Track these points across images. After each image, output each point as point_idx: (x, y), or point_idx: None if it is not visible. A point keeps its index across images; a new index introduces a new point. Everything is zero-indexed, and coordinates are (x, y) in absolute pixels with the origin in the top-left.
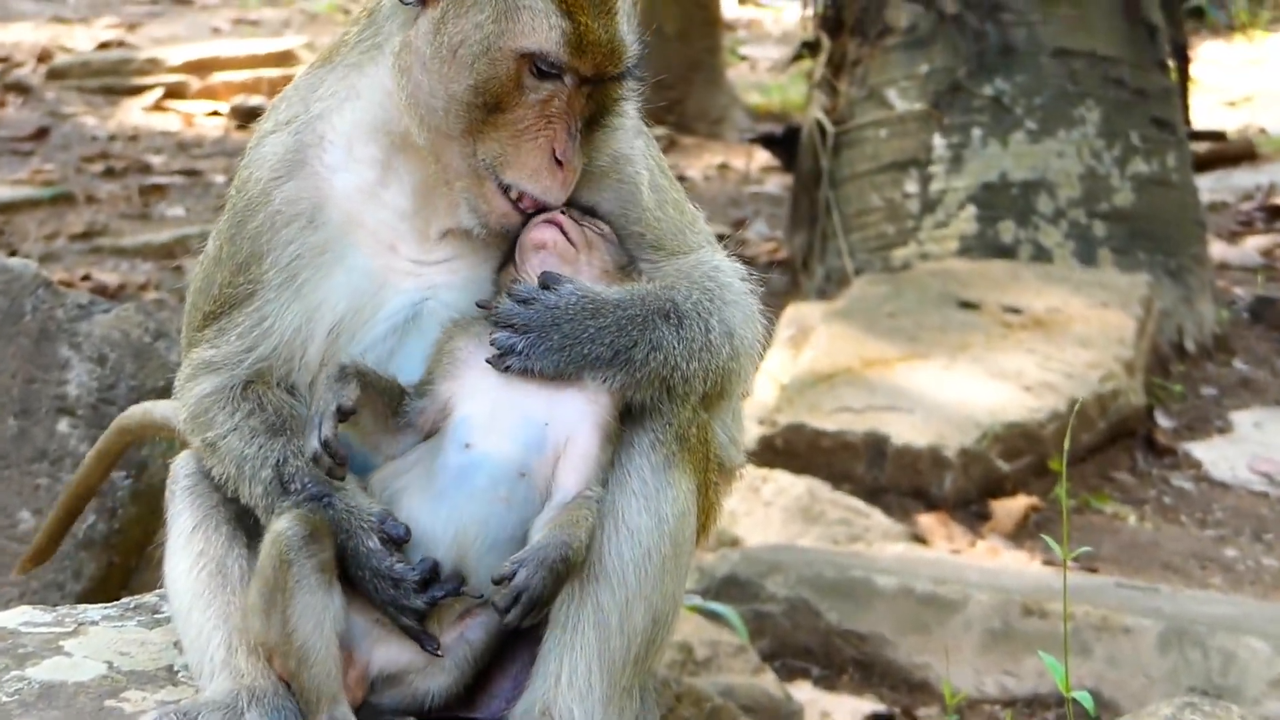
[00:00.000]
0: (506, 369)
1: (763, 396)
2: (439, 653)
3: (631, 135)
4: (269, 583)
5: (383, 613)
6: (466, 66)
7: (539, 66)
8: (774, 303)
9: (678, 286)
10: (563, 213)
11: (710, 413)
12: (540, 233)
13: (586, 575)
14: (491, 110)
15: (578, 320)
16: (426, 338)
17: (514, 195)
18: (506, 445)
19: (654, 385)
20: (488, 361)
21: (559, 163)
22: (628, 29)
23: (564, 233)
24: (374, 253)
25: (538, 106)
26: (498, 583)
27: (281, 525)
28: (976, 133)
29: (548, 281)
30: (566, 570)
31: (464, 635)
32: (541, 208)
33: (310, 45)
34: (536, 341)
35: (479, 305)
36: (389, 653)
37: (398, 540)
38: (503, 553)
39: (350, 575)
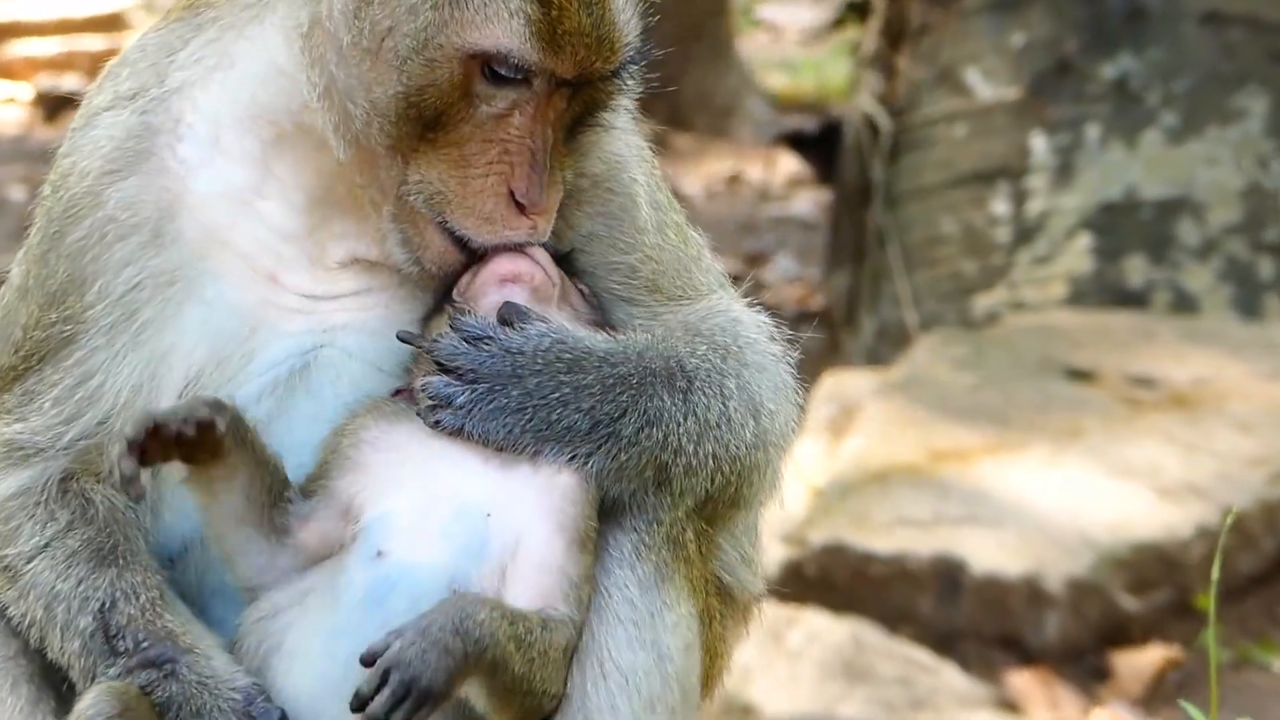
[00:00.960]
0: (437, 425)
1: (789, 506)
2: None
3: (625, 133)
4: None
5: None
6: (395, 66)
7: (496, 70)
8: (805, 370)
9: (684, 341)
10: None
11: (717, 525)
12: (510, 263)
13: None
14: (429, 126)
15: (548, 373)
16: (320, 400)
17: (459, 234)
18: (434, 550)
19: (646, 474)
20: (417, 414)
21: (521, 204)
22: (623, 7)
23: (540, 266)
24: (245, 282)
25: (492, 124)
26: (367, 664)
27: (86, 704)
28: (1093, 131)
29: (510, 316)
30: (471, 660)
31: None
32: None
33: (148, 4)
34: (485, 396)
35: (401, 337)
36: None
37: None
38: None
39: None
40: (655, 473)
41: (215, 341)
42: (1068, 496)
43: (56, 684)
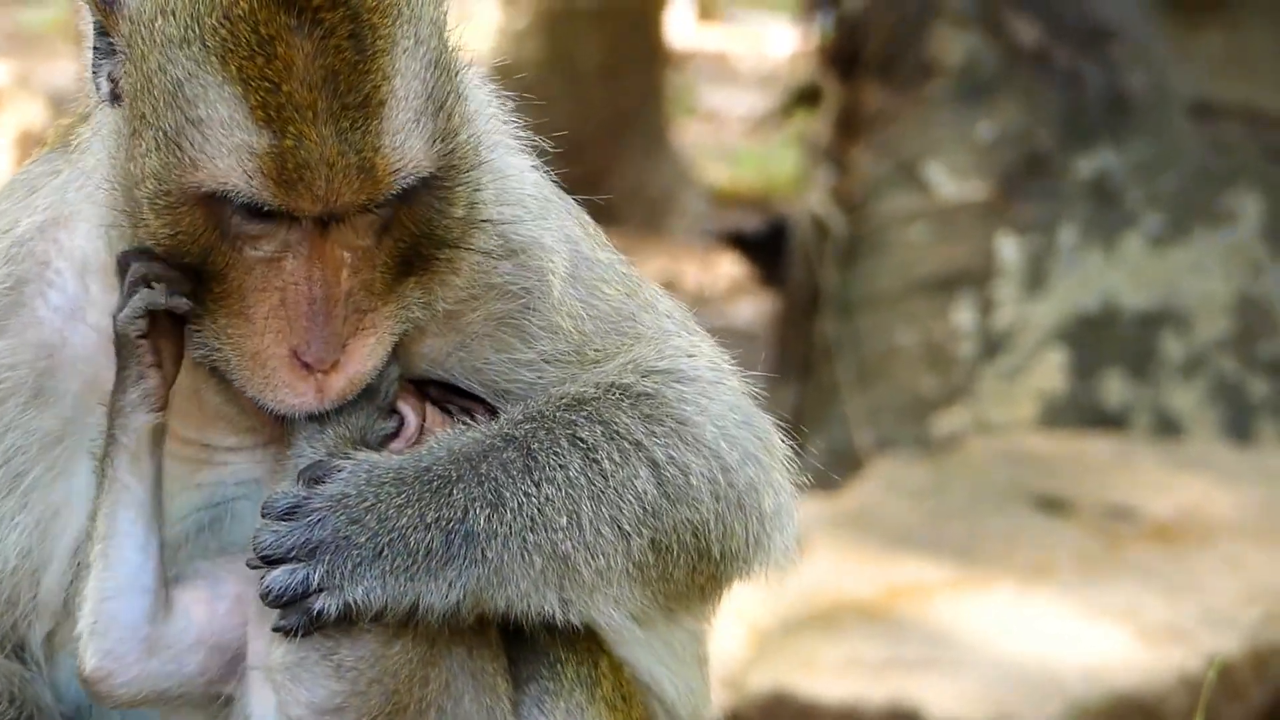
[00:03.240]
0: (317, 619)
1: (726, 645)
2: None
3: (526, 202)
4: None
5: None
6: (146, 213)
7: (237, 210)
8: None
9: (542, 403)
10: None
11: (654, 630)
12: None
13: None
14: (198, 278)
15: (380, 502)
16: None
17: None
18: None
19: (529, 573)
20: (276, 628)
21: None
22: (398, 126)
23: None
24: None
25: (264, 270)
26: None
27: None
28: (1068, 234)
29: (314, 473)
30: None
31: None
32: None
33: (25, 81)
34: (339, 557)
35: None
36: None
37: None
38: None
39: None
40: (542, 565)
41: None
42: (1037, 639)
43: None
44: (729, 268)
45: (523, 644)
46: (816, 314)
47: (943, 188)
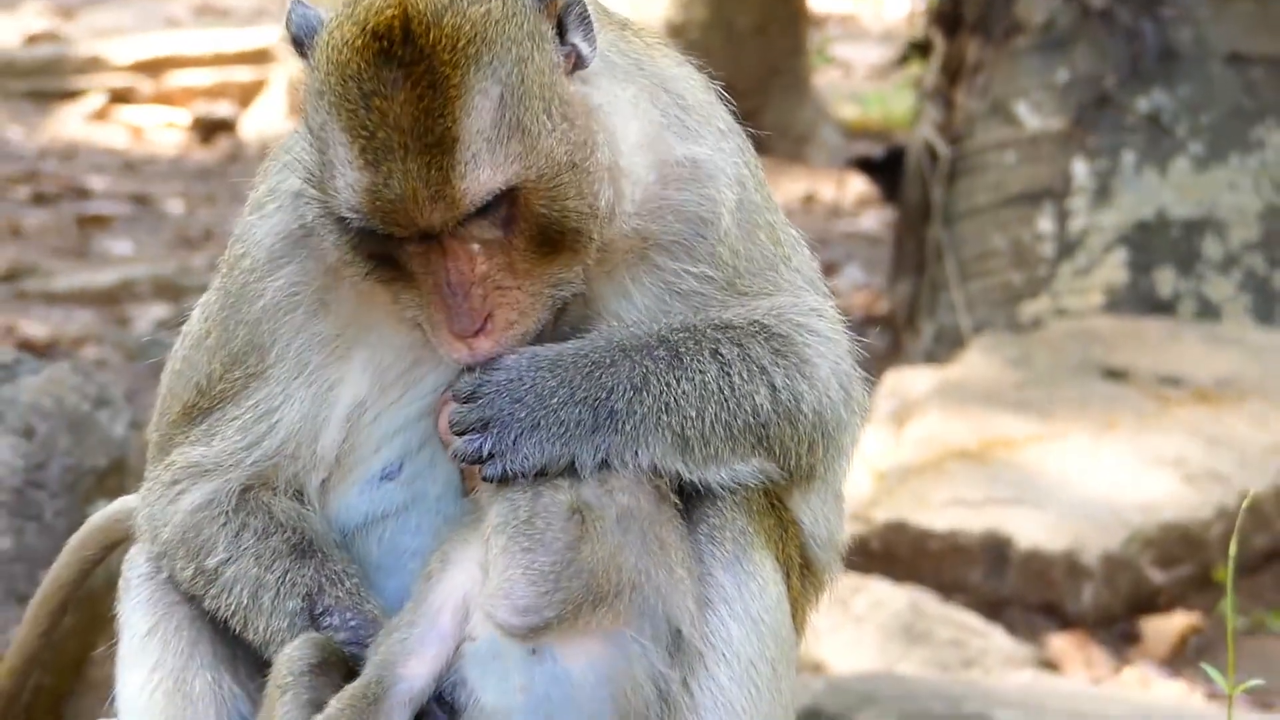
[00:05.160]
0: (488, 479)
1: (856, 487)
2: None
3: (716, 137)
4: (263, 711)
5: None
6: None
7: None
8: (872, 368)
9: (682, 322)
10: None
11: (785, 497)
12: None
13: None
14: (386, 262)
15: (538, 385)
16: None
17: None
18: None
19: (660, 445)
20: (486, 480)
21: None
22: (469, 157)
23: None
24: (400, 328)
25: (420, 262)
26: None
27: (292, 648)
28: (1128, 157)
29: (488, 363)
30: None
31: None
32: None
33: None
34: (505, 431)
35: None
36: None
37: (458, 709)
38: None
39: None
40: (671, 444)
41: (378, 374)
42: (1103, 481)
43: (214, 630)
44: (857, 186)
45: (687, 500)
46: (927, 223)
47: (1028, 121)
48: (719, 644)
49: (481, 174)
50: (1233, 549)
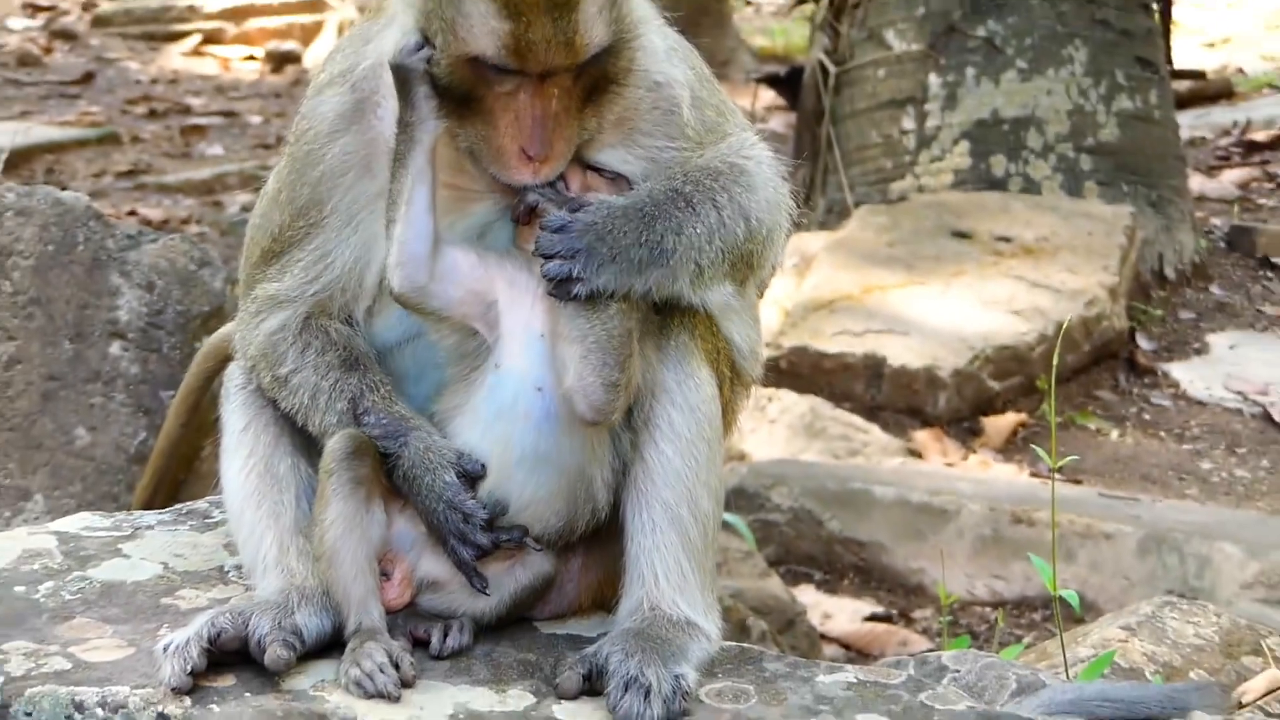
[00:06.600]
0: (573, 296)
1: (768, 321)
2: (486, 591)
3: (663, 57)
4: (317, 492)
5: (444, 548)
6: (439, 63)
7: (490, 68)
8: None
9: (692, 174)
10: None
11: (742, 289)
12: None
13: (643, 480)
14: (464, 102)
15: (615, 229)
16: (502, 240)
17: (489, 172)
18: (520, 361)
19: (686, 274)
20: (550, 294)
21: (529, 155)
22: (588, 18)
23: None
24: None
25: (505, 100)
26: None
27: (334, 441)
28: (970, 72)
29: (575, 205)
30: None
31: (512, 572)
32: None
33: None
34: (589, 260)
35: (512, 218)
36: (435, 566)
37: (474, 476)
38: (528, 469)
39: (419, 508)
40: (690, 273)
41: None
42: (954, 316)
43: (293, 428)
44: (767, 97)
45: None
46: (820, 123)
47: (895, 45)
48: (663, 424)
49: (596, 31)
50: (1055, 364)
